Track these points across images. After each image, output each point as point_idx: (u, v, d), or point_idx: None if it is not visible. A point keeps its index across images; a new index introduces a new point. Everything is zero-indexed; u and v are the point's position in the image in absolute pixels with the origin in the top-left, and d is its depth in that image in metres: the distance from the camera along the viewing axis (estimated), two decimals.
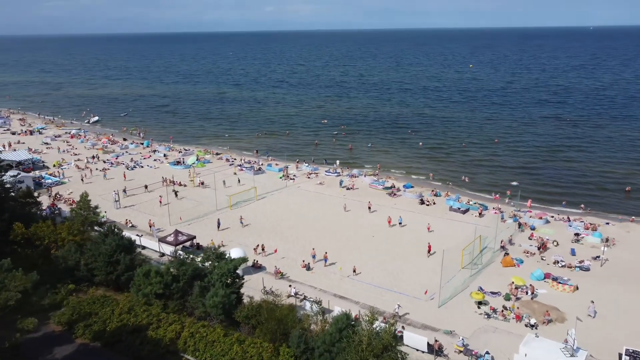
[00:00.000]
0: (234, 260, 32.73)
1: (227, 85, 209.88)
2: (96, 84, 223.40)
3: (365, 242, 55.01)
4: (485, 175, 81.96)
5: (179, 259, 32.92)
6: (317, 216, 63.12)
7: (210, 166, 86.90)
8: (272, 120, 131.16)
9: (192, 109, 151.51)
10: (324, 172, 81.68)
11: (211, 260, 33.27)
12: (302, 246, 54.09)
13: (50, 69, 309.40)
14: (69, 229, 37.67)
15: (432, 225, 58.62)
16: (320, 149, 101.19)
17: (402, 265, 49.53)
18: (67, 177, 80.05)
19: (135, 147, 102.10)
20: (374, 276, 47.37)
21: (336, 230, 58.58)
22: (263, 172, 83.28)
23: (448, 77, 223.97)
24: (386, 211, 64.08)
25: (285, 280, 46.61)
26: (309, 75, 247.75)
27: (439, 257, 49.78)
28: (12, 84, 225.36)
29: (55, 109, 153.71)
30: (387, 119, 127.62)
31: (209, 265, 32.93)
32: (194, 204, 68.26)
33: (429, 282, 45.90)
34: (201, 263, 33.46)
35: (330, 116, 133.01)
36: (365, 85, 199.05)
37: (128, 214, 64.50)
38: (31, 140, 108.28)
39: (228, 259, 33.34)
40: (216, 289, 29.40)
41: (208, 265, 33.01)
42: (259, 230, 58.82)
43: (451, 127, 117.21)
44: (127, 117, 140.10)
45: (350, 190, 73.37)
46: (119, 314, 28.30)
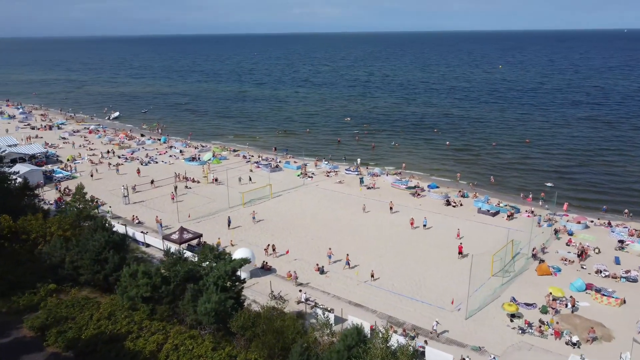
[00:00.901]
0: (234, 261, 28.95)
1: (249, 85, 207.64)
2: (119, 82, 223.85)
3: (386, 245, 50.70)
4: (516, 177, 76.60)
5: (171, 258, 29.26)
6: (334, 216, 59.07)
7: (227, 163, 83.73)
8: (292, 118, 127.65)
9: (212, 107, 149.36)
10: (344, 171, 77.55)
11: (209, 261, 29.58)
12: (317, 248, 50.09)
13: (76, 68, 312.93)
14: (59, 223, 34.48)
15: (460, 228, 53.85)
16: (342, 147, 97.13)
17: (426, 271, 45.06)
18: (80, 171, 77.86)
19: (152, 143, 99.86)
20: (393, 282, 43.04)
21: (354, 231, 54.42)
22: (280, 170, 79.68)
23: (476, 77, 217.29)
24: (409, 212, 59.62)
25: (296, 284, 42.61)
26: (334, 75, 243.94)
27: (466, 263, 45.16)
28: (39, 82, 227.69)
29: (77, 105, 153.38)
30: (412, 119, 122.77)
31: (207, 265, 29.20)
32: (205, 200, 64.98)
33: (455, 290, 41.39)
34: (198, 264, 29.76)
35: (353, 115, 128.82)
36: (391, 85, 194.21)
37: (136, 210, 61.58)
38: (49, 135, 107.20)
39: (227, 259, 29.54)
40: (209, 294, 25.65)
41: (206, 266, 29.27)
42: (272, 230, 55.05)
43: (479, 127, 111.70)
44: (148, 114, 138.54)
45: (371, 189, 69.08)
46: (98, 319, 24.78)
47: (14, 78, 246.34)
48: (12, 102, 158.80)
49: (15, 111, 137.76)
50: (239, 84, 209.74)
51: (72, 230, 34.50)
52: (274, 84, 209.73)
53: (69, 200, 37.98)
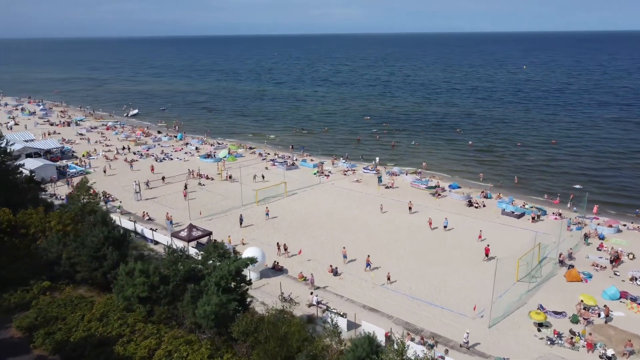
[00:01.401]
0: (238, 260, 26.90)
1: (268, 84, 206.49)
2: (139, 81, 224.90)
3: (403, 247, 48.19)
4: (541, 178, 73.18)
5: (171, 256, 27.34)
6: (350, 216, 56.74)
7: (242, 160, 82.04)
8: (311, 117, 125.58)
9: (230, 106, 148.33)
10: (362, 170, 75.15)
11: (212, 259, 27.59)
12: (331, 248, 47.85)
13: (97, 67, 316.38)
14: (59, 217, 32.89)
15: (483, 230, 51.05)
16: (360, 146, 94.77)
17: (446, 275, 42.46)
18: (94, 167, 77.03)
19: (168, 140, 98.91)
20: (411, 286, 40.55)
21: (371, 231, 52.02)
22: (296, 168, 77.65)
23: (500, 78, 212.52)
24: (429, 213, 56.97)
25: (313, 287, 40.42)
26: (353, 75, 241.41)
27: (489, 267, 42.52)
28: (61, 80, 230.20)
29: (96, 103, 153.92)
30: (433, 119, 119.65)
31: (210, 265, 27.20)
32: (218, 198, 63.27)
33: (477, 295, 38.74)
34: (201, 262, 27.78)
35: (373, 114, 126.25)
36: (411, 85, 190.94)
37: (148, 206, 60.12)
38: (67, 131, 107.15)
39: (232, 258, 27.51)
40: (209, 295, 23.63)
41: (209, 265, 27.27)
42: (285, 229, 52.98)
43: (503, 127, 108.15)
44: (166, 112, 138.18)
45: (389, 189, 66.57)
46: (89, 320, 23.00)
47: (37, 76, 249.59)
48: (33, 99, 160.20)
49: (36, 108, 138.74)
50: (258, 83, 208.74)
51: (74, 225, 32.88)
52: (292, 83, 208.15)
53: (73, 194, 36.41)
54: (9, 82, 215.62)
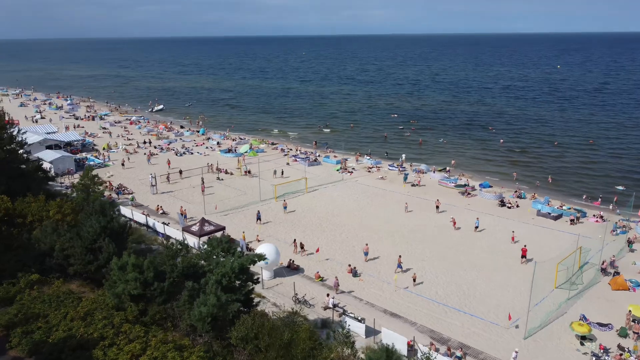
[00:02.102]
0: (245, 257, 24.12)
1: (294, 81, 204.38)
2: (166, 78, 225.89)
3: (430, 247, 44.76)
4: (578, 179, 68.55)
5: (169, 249, 24.71)
6: (373, 214, 53.53)
7: (263, 156, 79.63)
8: (336, 115, 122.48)
9: (254, 103, 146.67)
10: (387, 166, 71.78)
11: (216, 255, 24.90)
12: (352, 247, 44.77)
13: (127, 65, 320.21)
14: (59, 207, 30.74)
15: (516, 232, 47.23)
16: (386, 143, 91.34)
17: (476, 279, 38.90)
18: (113, 160, 75.77)
19: (190, 135, 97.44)
20: (437, 290, 37.15)
21: (395, 231, 48.72)
22: (319, 164, 74.80)
23: (533, 77, 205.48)
24: (458, 212, 53.35)
25: (325, 286, 37.49)
26: (381, 73, 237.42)
27: (524, 271, 38.87)
28: (91, 77, 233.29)
29: (123, 99, 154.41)
30: (463, 117, 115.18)
31: (214, 260, 24.48)
32: (236, 193, 60.89)
33: (511, 302, 35.15)
34: (203, 258, 25.10)
35: (400, 112, 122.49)
36: (440, 84, 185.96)
37: (164, 200, 58.18)
38: (91, 125, 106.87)
39: (237, 254, 24.73)
40: (207, 295, 20.91)
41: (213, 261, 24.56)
42: (303, 226, 50.13)
43: (537, 127, 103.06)
44: (191, 108, 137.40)
45: (415, 187, 63.07)
46: (72, 319, 20.55)
47: (68, 74, 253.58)
48: (62, 94, 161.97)
49: (64, 102, 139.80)
50: (284, 81, 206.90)
51: (75, 215, 30.70)
52: (319, 81, 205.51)
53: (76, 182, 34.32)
54: (41, 79, 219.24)
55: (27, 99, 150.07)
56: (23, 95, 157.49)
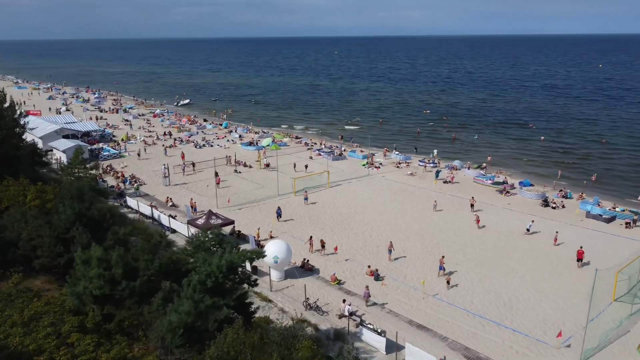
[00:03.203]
0: (238, 253, 19.70)
1: (323, 79, 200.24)
2: (195, 75, 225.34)
3: (464, 250, 39.52)
4: (629, 180, 61.84)
5: (146, 242, 20.46)
6: (400, 211, 48.52)
7: (286, 149, 75.48)
8: (364, 111, 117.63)
9: (281, 98, 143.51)
10: (418, 162, 66.56)
11: (205, 249, 20.59)
12: (375, 247, 39.95)
13: (159, 62, 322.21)
14: (40, 192, 27.05)
15: (563, 235, 41.55)
16: (417, 138, 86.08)
17: (519, 287, 33.54)
18: (129, 151, 72.95)
19: (212, 128, 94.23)
20: (472, 299, 31.98)
21: (424, 231, 43.61)
22: (344, 159, 70.18)
23: (574, 76, 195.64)
24: (495, 212, 47.94)
25: (342, 290, 32.79)
26: (413, 71, 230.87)
27: (575, 279, 33.31)
28: (123, 73, 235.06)
29: (151, 93, 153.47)
30: (499, 114, 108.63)
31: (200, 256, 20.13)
32: (254, 186, 56.80)
33: (560, 316, 29.76)
34: (189, 253, 20.80)
35: (433, 109, 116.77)
36: (476, 82, 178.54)
37: (175, 192, 54.57)
38: (114, 117, 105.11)
39: (228, 248, 20.30)
40: (182, 299, 16.61)
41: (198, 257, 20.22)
42: (323, 223, 45.54)
43: (581, 125, 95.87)
44: (218, 102, 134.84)
45: (448, 184, 57.70)
46: (12, 325, 16.55)
47: (101, 70, 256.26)
48: (92, 88, 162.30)
49: (91, 96, 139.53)
50: (313, 78, 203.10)
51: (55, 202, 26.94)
52: (349, 78, 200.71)
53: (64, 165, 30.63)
54: (73, 74, 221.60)
55: (57, 92, 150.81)
56: (54, 89, 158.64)
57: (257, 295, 30.36)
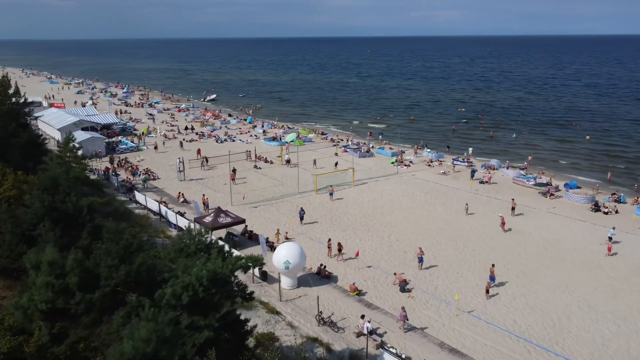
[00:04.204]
0: (226, 261, 15.79)
1: (353, 76, 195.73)
2: (224, 72, 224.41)
3: (503, 260, 34.69)
4: None
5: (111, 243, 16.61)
6: (431, 213, 43.95)
7: (311, 145, 71.63)
8: (395, 108, 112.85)
9: (309, 94, 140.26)
10: (451, 160, 61.67)
11: (189, 253, 16.79)
12: (402, 254, 35.56)
13: (189, 60, 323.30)
14: (20, 181, 23.84)
15: (618, 244, 36.29)
16: (448, 137, 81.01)
17: (570, 305, 28.68)
18: (147, 144, 70.41)
19: (237, 123, 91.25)
20: (516, 318, 27.31)
21: (458, 236, 38.95)
22: (372, 156, 65.88)
23: (620, 75, 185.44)
24: (538, 216, 42.94)
25: (362, 302, 28.57)
26: (447, 70, 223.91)
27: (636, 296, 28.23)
28: (154, 70, 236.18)
29: (178, 89, 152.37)
30: (539, 113, 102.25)
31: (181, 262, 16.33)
32: (273, 183, 53.09)
33: (624, 342, 24.84)
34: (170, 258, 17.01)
35: (468, 107, 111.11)
36: (513, 81, 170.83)
37: (190, 187, 51.34)
38: (139, 111, 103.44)
39: (214, 253, 16.38)
40: (140, 322, 12.83)
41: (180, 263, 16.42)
42: (345, 224, 41.38)
43: (630, 125, 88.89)
44: (245, 98, 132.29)
45: (484, 184, 52.71)
46: None
47: (133, 67, 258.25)
48: (121, 84, 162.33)
49: (119, 91, 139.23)
50: (342, 75, 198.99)
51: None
52: (380, 76, 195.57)
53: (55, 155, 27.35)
54: (106, 71, 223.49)
55: (87, 87, 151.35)
56: (84, 85, 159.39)
57: (264, 306, 26.47)
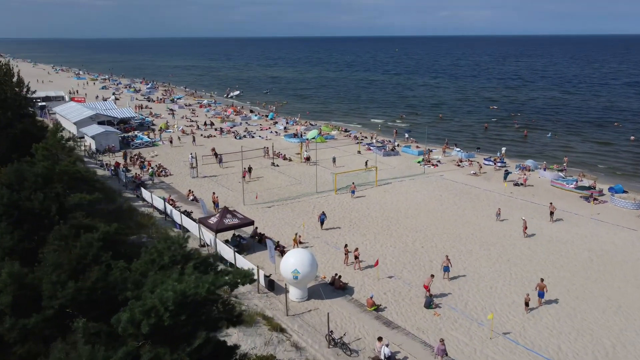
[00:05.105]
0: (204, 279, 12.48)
1: (380, 74, 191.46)
2: (249, 69, 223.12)
3: (543, 271, 30.60)
4: None
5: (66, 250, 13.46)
6: (461, 218, 40.00)
7: (333, 142, 68.34)
8: (422, 105, 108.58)
9: (333, 91, 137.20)
10: (483, 160, 57.43)
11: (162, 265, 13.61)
12: (428, 263, 31.83)
13: (215, 58, 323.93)
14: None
15: None
16: (477, 136, 76.71)
17: (625, 329, 24.55)
18: (164, 139, 68.18)
19: (258, 119, 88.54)
20: (560, 343, 23.35)
21: (490, 243, 34.96)
22: (397, 154, 62.16)
23: None
24: (582, 223, 38.61)
25: (380, 320, 25.01)
26: (477, 68, 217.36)
27: None
28: (180, 67, 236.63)
29: (203, 85, 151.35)
30: (575, 112, 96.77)
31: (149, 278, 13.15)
32: (290, 182, 49.89)
33: None
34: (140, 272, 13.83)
35: (499, 105, 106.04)
36: (547, 79, 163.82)
37: (202, 184, 48.63)
38: (160, 106, 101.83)
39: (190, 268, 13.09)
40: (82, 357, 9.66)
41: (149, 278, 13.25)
42: (365, 227, 37.83)
43: None
44: (268, 95, 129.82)
45: (520, 186, 48.40)
46: None
47: (159, 64, 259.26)
48: (146, 80, 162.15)
49: (143, 87, 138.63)
50: (369, 73, 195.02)
51: None
52: (407, 74, 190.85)
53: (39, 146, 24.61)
54: (133, 68, 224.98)
55: (113, 83, 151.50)
56: (110, 80, 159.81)
57: (267, 322, 23.16)
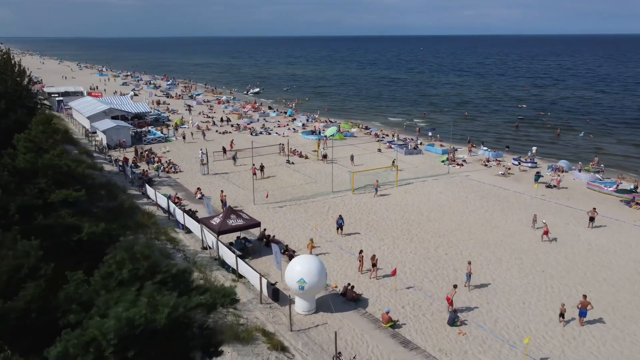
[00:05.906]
0: (165, 299, 9.75)
1: (403, 72, 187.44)
2: (270, 66, 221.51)
3: (584, 285, 27.19)
4: None
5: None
6: (488, 222, 36.60)
7: (352, 140, 65.44)
8: (446, 103, 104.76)
9: (354, 88, 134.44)
10: (512, 160, 53.75)
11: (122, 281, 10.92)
12: (453, 272, 28.64)
13: (237, 56, 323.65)
14: None
15: None
16: (510, 134, 72.99)
17: None
18: (177, 135, 66.22)
19: (276, 115, 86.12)
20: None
21: (521, 251, 31.57)
22: (419, 153, 58.91)
23: None
24: (624, 230, 34.91)
25: (397, 339, 21.99)
26: (503, 67, 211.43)
27: None
28: (201, 65, 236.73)
29: (223, 82, 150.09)
30: (608, 112, 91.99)
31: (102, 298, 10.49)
32: (305, 180, 47.12)
33: None
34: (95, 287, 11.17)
35: (527, 103, 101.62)
36: (577, 78, 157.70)
37: (212, 182, 46.26)
38: (178, 102, 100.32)
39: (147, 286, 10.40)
40: None
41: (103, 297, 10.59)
42: (384, 231, 34.77)
43: None
44: (289, 92, 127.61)
45: (553, 189, 44.68)
46: None
47: (181, 62, 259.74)
48: (167, 76, 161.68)
49: (163, 83, 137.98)
50: (392, 71, 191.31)
51: None
52: (431, 72, 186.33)
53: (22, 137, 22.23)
54: (155, 65, 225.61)
55: (134, 79, 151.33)
56: (132, 77, 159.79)
57: (267, 339, 20.33)
